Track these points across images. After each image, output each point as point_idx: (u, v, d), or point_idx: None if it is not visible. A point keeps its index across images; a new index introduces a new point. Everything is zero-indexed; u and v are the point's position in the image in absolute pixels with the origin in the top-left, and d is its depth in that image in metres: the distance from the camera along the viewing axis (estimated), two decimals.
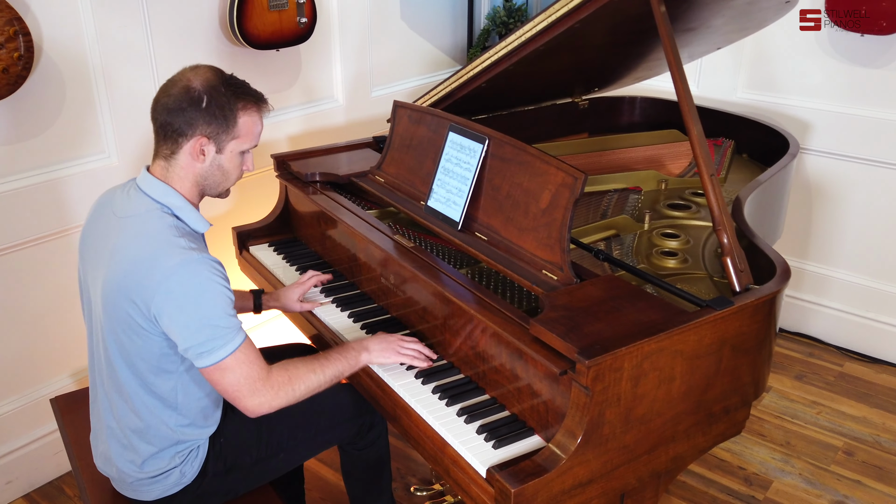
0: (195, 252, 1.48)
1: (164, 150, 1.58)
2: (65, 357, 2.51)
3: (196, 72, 1.56)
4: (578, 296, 1.55)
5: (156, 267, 1.46)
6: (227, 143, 1.58)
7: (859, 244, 3.17)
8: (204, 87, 1.54)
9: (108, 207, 1.62)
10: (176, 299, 1.45)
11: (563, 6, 1.94)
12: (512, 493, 1.33)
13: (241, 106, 1.58)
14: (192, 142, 1.55)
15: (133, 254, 1.49)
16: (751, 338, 1.60)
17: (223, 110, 1.55)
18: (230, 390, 1.51)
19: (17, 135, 2.25)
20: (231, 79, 1.60)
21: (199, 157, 1.57)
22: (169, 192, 1.57)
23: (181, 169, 1.58)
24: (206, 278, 1.47)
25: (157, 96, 1.56)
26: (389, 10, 3.36)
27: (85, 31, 2.32)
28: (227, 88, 1.56)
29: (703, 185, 1.71)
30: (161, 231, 1.51)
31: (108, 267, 1.53)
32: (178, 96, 1.53)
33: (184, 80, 1.55)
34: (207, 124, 1.54)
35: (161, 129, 1.56)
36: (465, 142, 1.90)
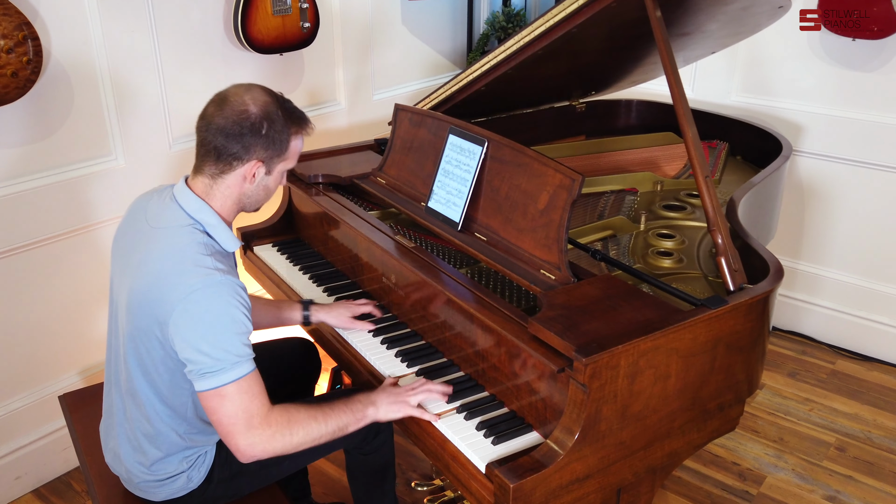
0: (219, 274, 1.44)
1: (212, 169, 1.54)
2: (73, 355, 2.51)
3: (251, 94, 1.52)
4: (576, 295, 1.55)
5: (179, 284, 1.42)
6: (276, 165, 1.57)
7: (851, 244, 3.18)
8: (262, 113, 1.51)
9: (141, 214, 1.59)
10: (192, 318, 1.41)
11: (560, 11, 1.94)
12: (511, 488, 1.33)
13: (294, 131, 1.57)
14: (248, 166, 1.53)
15: (159, 268, 1.46)
16: (745, 336, 1.60)
17: (279, 135, 1.53)
18: (225, 422, 1.44)
19: (27, 137, 2.25)
20: (285, 103, 1.57)
21: (251, 180, 1.55)
22: (205, 210, 1.54)
23: (227, 188, 1.55)
24: (226, 302, 1.43)
25: (210, 115, 1.51)
26: (390, 15, 3.36)
27: (92, 36, 2.32)
28: (283, 113, 1.54)
29: (698, 186, 1.71)
30: (189, 247, 1.47)
31: (135, 277, 1.50)
32: (237, 120, 1.49)
33: (240, 101, 1.50)
34: (265, 150, 1.52)
35: (214, 150, 1.51)
36: (464, 144, 1.90)
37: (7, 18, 2.00)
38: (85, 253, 2.45)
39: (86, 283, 2.47)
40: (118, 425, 1.65)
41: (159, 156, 2.58)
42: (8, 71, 2.02)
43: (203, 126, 1.52)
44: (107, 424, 1.73)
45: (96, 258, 2.48)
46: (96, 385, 2.09)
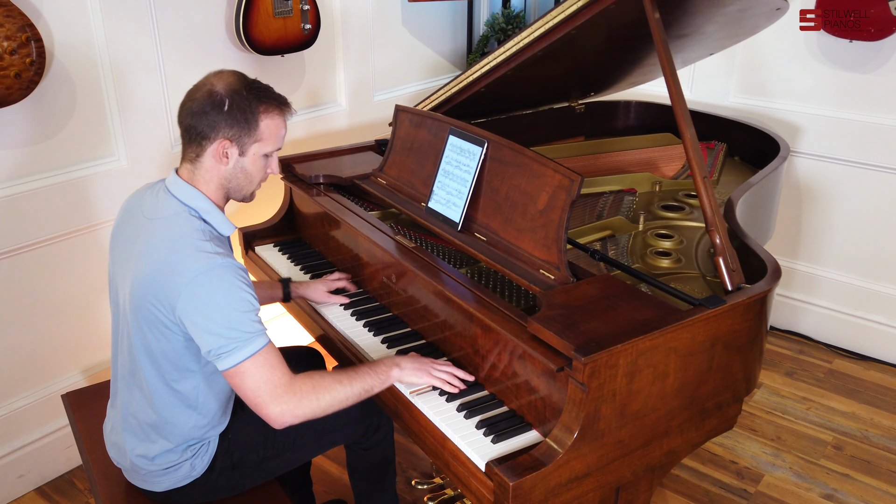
0: (220, 257, 1.47)
1: (190, 153, 1.58)
2: (76, 354, 2.51)
3: (220, 76, 1.57)
4: (575, 294, 1.55)
5: (181, 271, 1.45)
6: (249, 145, 1.58)
7: (848, 244, 3.18)
8: (226, 91, 1.54)
9: (137, 208, 1.62)
10: (200, 304, 1.44)
11: (559, 13, 1.94)
12: (510, 486, 1.33)
13: (262, 109, 1.57)
14: (216, 144, 1.55)
15: (160, 256, 1.49)
16: (742, 335, 1.60)
17: (245, 114, 1.55)
18: (251, 396, 1.47)
19: (30, 138, 2.25)
20: (254, 83, 1.59)
21: (223, 160, 1.57)
22: (196, 196, 1.57)
23: (206, 171, 1.58)
24: (230, 283, 1.46)
25: (183, 101, 1.57)
26: (391, 16, 3.36)
27: (95, 38, 2.32)
28: (248, 92, 1.56)
29: (696, 186, 1.71)
30: (187, 234, 1.51)
31: (137, 267, 1.53)
32: (202, 100, 1.54)
33: (208, 84, 1.56)
34: (230, 127, 1.54)
35: (186, 132, 1.57)
36: (464, 145, 1.90)
37: (10, 20, 2.00)
38: (88, 252, 2.45)
39: (89, 282, 2.47)
40: (123, 419, 1.66)
41: (161, 156, 2.58)
42: (11, 72, 2.02)
43: (179, 112, 1.58)
44: (112, 419, 1.73)
45: (99, 258, 2.48)
46: (99, 384, 2.09)
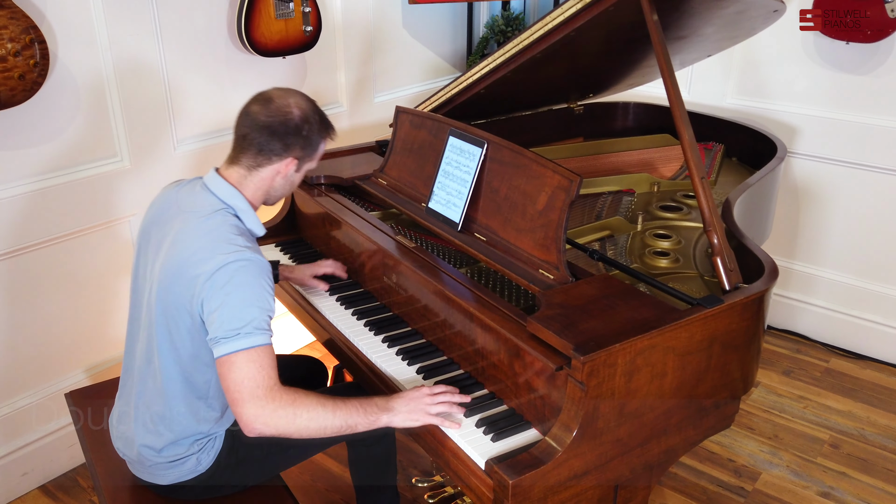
0: (250, 251, 1.51)
1: (250, 161, 1.62)
2: (79, 353, 2.52)
3: (295, 98, 1.64)
4: (574, 294, 1.55)
5: (212, 258, 1.48)
6: (305, 164, 1.68)
7: (845, 244, 3.18)
8: (304, 117, 1.62)
9: (172, 202, 1.65)
10: (220, 287, 1.46)
11: (558, 15, 1.95)
12: (510, 484, 1.33)
13: (324, 136, 1.69)
14: (284, 162, 1.62)
15: (193, 245, 1.52)
16: (740, 335, 1.60)
17: (314, 139, 1.65)
18: (232, 389, 1.45)
19: (34, 139, 2.25)
20: (319, 109, 1.70)
21: (283, 175, 1.65)
22: (236, 196, 1.62)
23: (261, 180, 1.64)
24: (255, 276, 1.49)
25: (255, 113, 1.60)
26: (391, 18, 3.36)
27: (98, 39, 2.32)
28: (319, 119, 1.67)
29: (694, 187, 1.71)
30: (223, 226, 1.55)
31: (168, 255, 1.55)
32: (282, 120, 1.60)
33: (284, 103, 1.61)
34: (301, 150, 1.64)
35: (256, 144, 1.61)
36: (464, 146, 1.90)
37: (14, 22, 2.00)
38: (91, 253, 2.45)
39: (92, 282, 2.47)
40: (135, 408, 1.66)
41: (164, 157, 2.58)
42: (15, 74, 2.02)
43: (247, 122, 1.61)
44: (120, 409, 1.73)
45: (102, 258, 2.48)
46: (102, 382, 2.09)
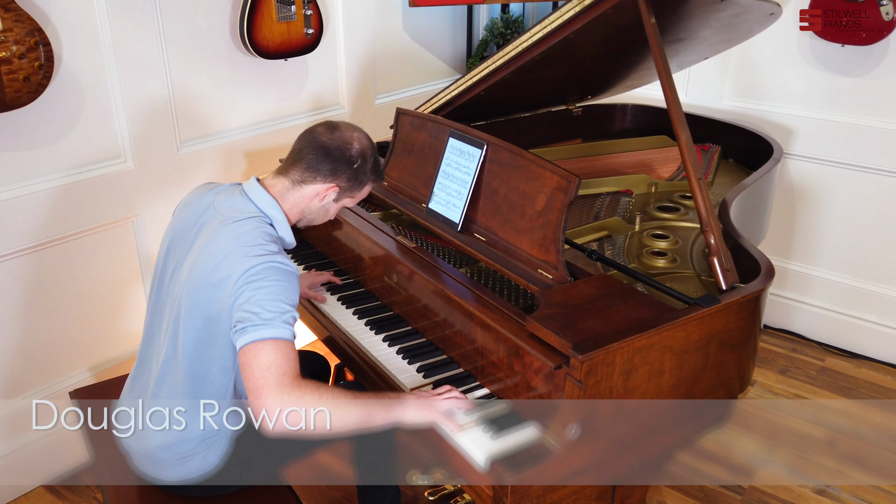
0: (281, 256, 1.53)
1: (297, 176, 1.65)
2: (84, 352, 2.51)
3: (359, 133, 1.68)
4: (572, 294, 1.55)
5: (244, 260, 1.49)
6: (345, 198, 1.71)
7: (840, 244, 3.18)
8: (360, 152, 1.66)
9: (209, 204, 1.65)
10: (250, 284, 1.47)
11: (557, 18, 1.95)
12: (509, 481, 1.33)
13: (373, 178, 1.72)
14: (326, 186, 1.65)
15: (226, 246, 1.53)
16: (737, 334, 1.60)
17: (362, 176, 1.68)
18: (256, 375, 1.41)
19: (39, 140, 2.25)
20: (377, 154, 1.73)
21: (321, 198, 1.67)
22: (274, 206, 1.64)
23: (301, 197, 1.66)
24: (284, 277, 1.50)
25: (318, 133, 1.65)
26: (392, 21, 3.36)
27: (102, 42, 2.32)
28: (373, 160, 1.70)
29: (691, 188, 1.71)
30: (256, 232, 1.56)
31: (200, 255, 1.56)
32: (340, 147, 1.64)
33: (349, 134, 1.66)
34: (347, 180, 1.66)
35: (307, 160, 1.64)
36: (464, 147, 1.90)
37: (19, 25, 2.00)
38: (95, 253, 2.45)
39: (96, 282, 2.47)
40: (149, 405, 1.64)
41: (168, 158, 2.58)
42: (20, 76, 2.02)
43: (308, 139, 1.65)
44: (132, 406, 1.69)
45: (106, 258, 2.48)
46: (106, 381, 2.09)
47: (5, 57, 1.99)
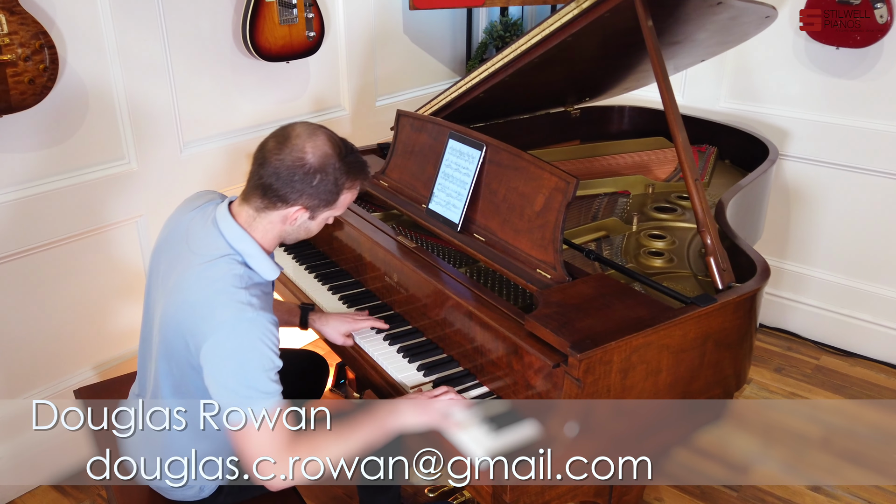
0: (251, 310, 1.38)
1: (257, 203, 1.48)
2: (88, 350, 2.51)
3: (314, 142, 1.46)
4: (571, 293, 1.55)
5: (210, 316, 1.38)
6: (322, 213, 1.52)
7: (835, 244, 3.18)
8: (319, 165, 1.45)
9: (183, 234, 1.52)
10: (221, 354, 1.37)
11: (556, 21, 1.95)
12: (508, 478, 1.33)
13: (348, 185, 1.50)
14: (292, 210, 1.47)
15: (193, 297, 1.42)
16: (733, 333, 1.60)
17: (329, 188, 1.47)
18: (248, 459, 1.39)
19: (43, 142, 2.25)
20: (346, 153, 1.49)
21: (292, 222, 1.50)
22: (245, 240, 1.48)
23: (269, 224, 1.50)
24: (256, 338, 1.37)
25: (268, 151, 1.46)
26: (393, 24, 3.36)
27: (106, 44, 2.32)
28: (341, 165, 1.47)
29: (688, 189, 1.71)
30: (225, 278, 1.41)
31: (169, 298, 1.46)
32: (292, 165, 1.43)
33: (300, 147, 1.44)
34: (311, 198, 1.47)
35: (262, 186, 1.46)
36: (464, 148, 1.90)
37: (24, 28, 2.00)
38: (99, 253, 2.45)
39: (100, 281, 2.47)
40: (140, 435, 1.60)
41: (171, 160, 2.58)
42: (25, 78, 2.02)
43: (259, 159, 1.47)
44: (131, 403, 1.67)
45: (110, 258, 2.48)
46: (110, 380, 2.09)
47: (11, 59, 1.99)
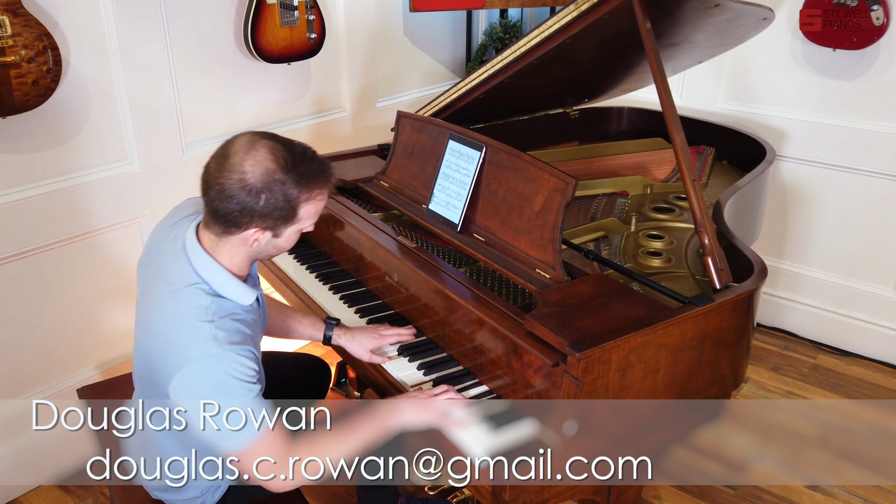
0: (215, 345, 1.31)
1: (215, 228, 1.39)
2: (90, 349, 2.51)
3: (254, 157, 1.33)
4: (570, 293, 1.55)
5: (174, 352, 1.33)
6: (285, 229, 1.40)
7: (831, 244, 3.18)
8: (262, 182, 1.32)
9: (157, 255, 1.47)
10: (190, 393, 1.31)
11: (555, 23, 1.95)
12: (507, 476, 1.33)
13: (304, 198, 1.37)
14: (248, 233, 1.37)
15: (157, 329, 1.38)
16: (730, 332, 1.60)
17: (283, 204, 1.35)
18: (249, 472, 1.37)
19: (47, 142, 2.25)
20: (294, 163, 1.35)
21: (253, 244, 1.40)
22: (211, 267, 1.39)
23: (232, 248, 1.40)
24: (223, 374, 1.31)
25: (209, 174, 1.36)
26: (393, 26, 3.36)
27: (109, 46, 2.32)
28: (288, 177, 1.34)
29: (686, 189, 1.71)
30: (189, 312, 1.34)
31: (140, 326, 1.44)
32: (233, 187, 1.32)
33: (238, 166, 1.33)
34: (264, 219, 1.35)
35: (213, 210, 1.36)
36: (463, 149, 1.90)
37: (28, 30, 2.00)
38: (103, 253, 2.45)
39: (102, 281, 2.47)
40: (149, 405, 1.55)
41: (173, 160, 2.58)
42: (29, 79, 2.02)
43: (203, 183, 1.38)
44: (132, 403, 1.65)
45: (113, 258, 2.48)
46: (113, 378, 2.09)
47: (14, 61, 1.99)
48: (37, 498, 2.43)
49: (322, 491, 2.43)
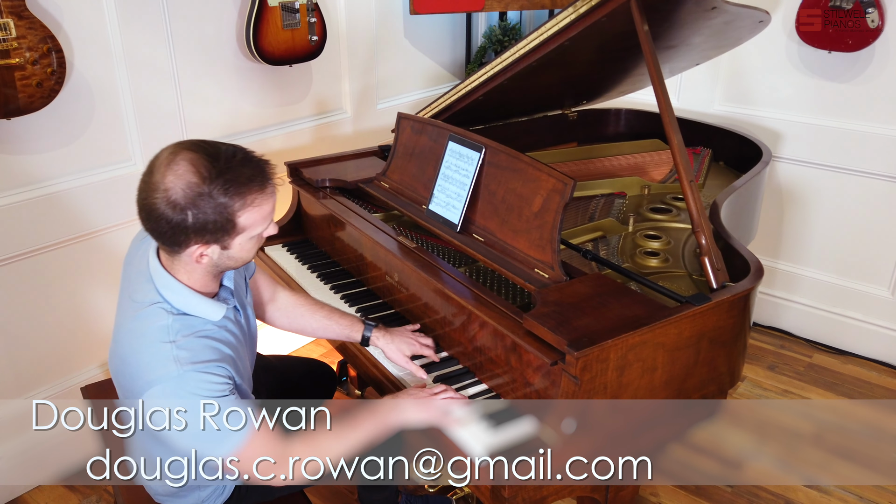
0: (175, 367, 1.26)
1: (162, 247, 1.34)
2: (93, 348, 2.51)
3: (175, 172, 1.23)
4: (568, 292, 1.55)
5: (138, 375, 1.29)
6: (231, 240, 1.31)
7: (827, 244, 3.18)
8: (185, 198, 1.23)
9: (128, 272, 1.44)
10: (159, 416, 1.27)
11: (553, 25, 1.95)
12: (507, 475, 1.33)
13: (237, 206, 1.27)
14: (191, 250, 1.30)
15: (122, 351, 1.35)
16: (727, 331, 1.60)
17: (216, 217, 1.25)
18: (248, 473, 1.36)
19: (51, 144, 2.25)
20: (219, 173, 1.24)
21: (201, 259, 1.31)
22: (171, 285, 1.33)
23: (186, 265, 1.34)
24: (188, 394, 1.26)
25: (139, 193, 1.28)
26: (394, 28, 3.36)
27: (113, 48, 2.32)
28: (213, 189, 1.23)
29: (683, 190, 1.71)
30: (149, 333, 1.30)
31: (112, 346, 1.41)
32: (159, 208, 1.24)
33: (161, 183, 1.24)
34: (200, 235, 1.27)
35: (150, 232, 1.30)
36: (463, 150, 1.90)
37: (32, 32, 2.00)
38: (105, 253, 2.45)
39: (106, 281, 2.47)
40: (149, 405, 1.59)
41: None
42: (33, 81, 2.02)
43: (137, 202, 1.29)
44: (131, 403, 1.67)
45: (116, 258, 2.47)
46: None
47: (19, 63, 1.99)
48: (41, 496, 2.43)
49: (324, 488, 2.43)
